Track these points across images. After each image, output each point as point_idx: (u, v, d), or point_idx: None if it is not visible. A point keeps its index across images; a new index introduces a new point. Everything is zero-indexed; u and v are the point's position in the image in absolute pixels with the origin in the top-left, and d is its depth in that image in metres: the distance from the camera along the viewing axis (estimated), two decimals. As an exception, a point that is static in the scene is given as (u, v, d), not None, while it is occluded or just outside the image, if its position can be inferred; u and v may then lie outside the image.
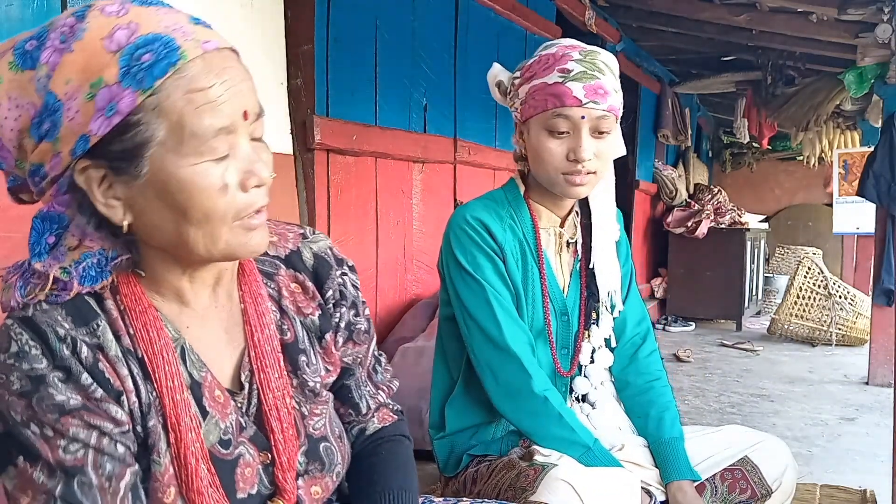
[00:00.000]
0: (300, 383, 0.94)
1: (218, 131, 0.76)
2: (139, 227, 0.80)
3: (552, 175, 1.40)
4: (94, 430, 0.77)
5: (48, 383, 0.75)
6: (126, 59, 0.73)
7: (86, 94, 0.73)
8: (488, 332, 1.39)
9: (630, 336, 1.56)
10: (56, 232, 0.79)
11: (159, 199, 0.77)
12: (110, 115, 0.73)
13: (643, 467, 1.42)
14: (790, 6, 4.35)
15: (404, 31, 3.11)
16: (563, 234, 1.49)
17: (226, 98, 0.77)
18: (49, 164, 0.76)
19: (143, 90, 0.73)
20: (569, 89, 1.34)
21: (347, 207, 2.79)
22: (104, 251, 0.80)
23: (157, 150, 0.76)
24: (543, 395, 1.36)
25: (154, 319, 0.82)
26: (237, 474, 0.86)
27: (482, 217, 1.42)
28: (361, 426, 1.06)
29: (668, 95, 6.65)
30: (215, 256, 0.82)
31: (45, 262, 0.78)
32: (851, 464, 3.16)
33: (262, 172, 0.80)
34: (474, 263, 1.40)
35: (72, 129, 0.74)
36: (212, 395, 0.86)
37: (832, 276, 5.85)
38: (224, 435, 0.86)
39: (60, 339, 0.77)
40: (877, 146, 4.35)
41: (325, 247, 1.00)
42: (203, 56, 0.76)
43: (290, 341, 0.94)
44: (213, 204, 0.78)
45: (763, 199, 10.04)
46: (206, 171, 0.77)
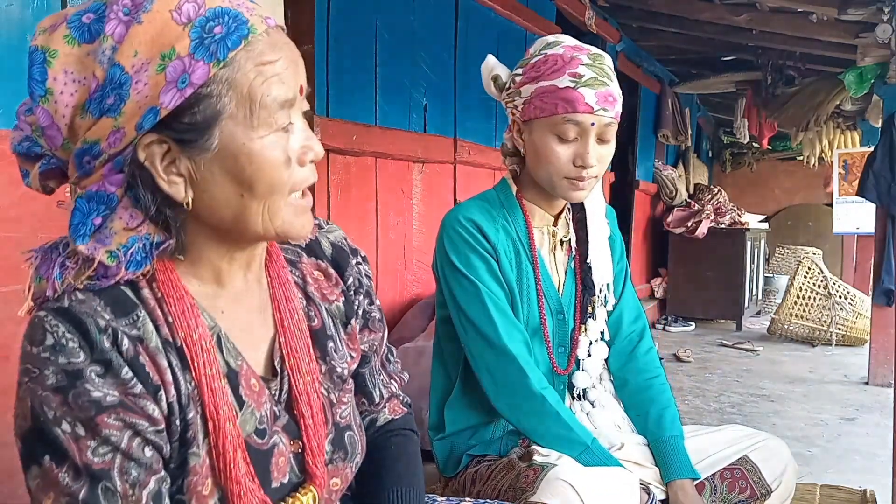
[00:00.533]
0: (329, 370, 0.93)
1: (283, 103, 0.77)
2: (199, 203, 0.78)
3: (555, 179, 1.40)
4: (128, 430, 0.75)
5: (85, 378, 0.72)
6: (198, 31, 0.73)
7: (156, 65, 0.72)
8: (484, 333, 1.39)
9: (627, 333, 1.56)
10: (103, 213, 0.76)
11: (226, 172, 0.77)
12: (183, 87, 0.72)
13: (642, 466, 1.42)
14: (790, 6, 4.35)
15: (404, 31, 3.11)
16: (556, 232, 1.50)
17: (289, 72, 0.78)
18: (107, 140, 0.73)
19: (216, 61, 0.73)
20: (581, 95, 1.33)
21: (347, 207, 2.79)
22: (149, 235, 0.77)
23: (227, 123, 0.75)
24: (541, 394, 1.36)
25: (192, 307, 0.81)
26: (272, 464, 0.85)
27: (475, 217, 1.41)
28: (373, 416, 1.06)
29: (668, 95, 6.65)
30: (270, 233, 0.81)
31: (89, 244, 0.75)
32: (851, 464, 3.16)
33: (316, 147, 0.81)
34: (468, 264, 1.40)
35: (139, 102, 0.72)
36: (248, 384, 0.85)
37: (832, 276, 5.86)
38: (260, 424, 0.85)
39: (101, 331, 0.74)
40: (877, 146, 4.35)
41: (341, 236, 1.01)
42: (267, 31, 0.77)
43: (317, 327, 0.93)
44: (279, 175, 0.78)
45: (763, 199, 10.04)
46: (275, 144, 0.77)
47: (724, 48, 5.71)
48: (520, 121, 1.43)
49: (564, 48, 1.37)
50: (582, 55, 1.35)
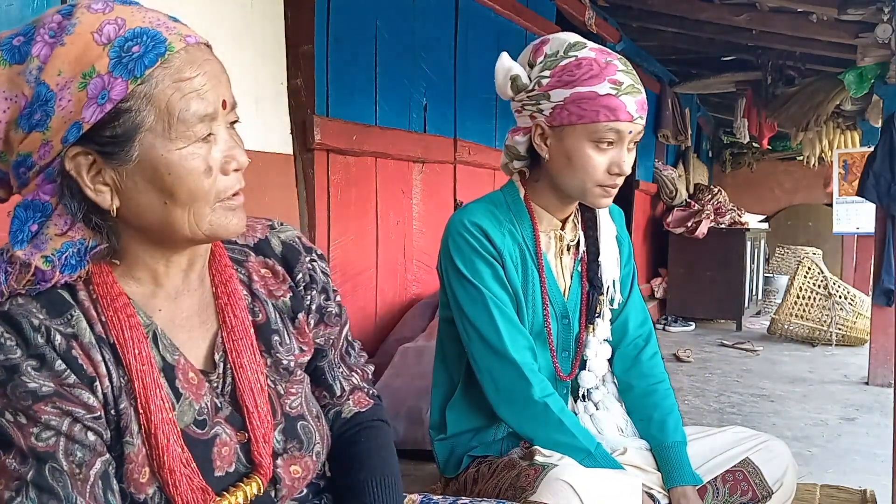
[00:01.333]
0: (274, 362, 0.97)
1: (202, 117, 0.82)
2: (126, 211, 0.83)
3: (588, 186, 1.38)
4: (67, 417, 0.80)
5: (22, 372, 0.78)
6: (116, 51, 0.78)
7: (78, 83, 0.77)
8: (488, 339, 1.38)
9: (633, 337, 1.56)
10: (39, 220, 0.81)
11: (148, 181, 0.82)
12: (103, 103, 0.78)
13: (645, 470, 1.41)
14: (790, 6, 4.35)
15: (404, 31, 3.11)
16: (563, 236, 1.48)
17: (209, 87, 0.82)
18: (38, 153, 0.79)
19: (133, 78, 0.78)
20: (623, 104, 1.32)
21: (347, 207, 2.79)
22: (84, 240, 0.83)
23: (146, 136, 0.80)
24: (544, 402, 1.36)
25: (125, 306, 0.85)
26: (214, 453, 0.89)
27: (481, 222, 1.40)
28: (337, 409, 1.09)
29: (668, 95, 6.65)
30: (198, 236, 0.86)
31: (27, 250, 0.80)
32: (851, 464, 3.16)
33: (240, 157, 0.86)
34: (473, 269, 1.39)
35: (64, 117, 0.78)
36: (185, 378, 0.89)
37: (832, 276, 5.86)
38: (199, 416, 0.89)
39: (35, 329, 0.79)
40: (877, 146, 4.35)
41: (294, 236, 1.04)
42: (186, 48, 0.81)
43: (262, 322, 0.97)
44: (199, 185, 0.83)
45: (763, 199, 10.04)
46: (193, 154, 0.82)
47: (724, 48, 5.71)
48: (545, 125, 1.38)
49: (594, 52, 1.35)
50: (614, 60, 1.34)
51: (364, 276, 2.94)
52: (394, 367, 2.65)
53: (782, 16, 4.58)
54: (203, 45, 0.84)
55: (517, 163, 1.47)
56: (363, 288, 2.94)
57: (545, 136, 1.39)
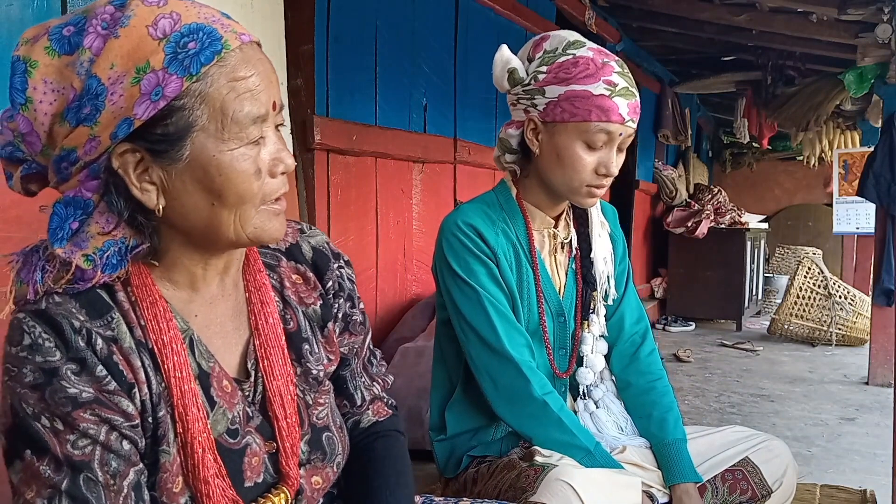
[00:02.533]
0: (304, 371, 0.95)
1: (255, 119, 0.80)
2: (171, 211, 0.81)
3: (576, 185, 1.39)
4: (104, 425, 0.77)
5: (61, 376, 0.75)
6: (172, 46, 0.76)
7: (131, 78, 0.75)
8: (485, 338, 1.38)
9: (629, 334, 1.56)
10: (80, 218, 0.79)
11: (197, 182, 0.80)
12: (156, 99, 0.75)
13: (644, 468, 1.41)
14: (790, 6, 4.35)
15: (404, 31, 3.11)
16: (557, 234, 1.49)
17: (262, 88, 0.80)
18: (83, 148, 0.77)
19: (189, 76, 0.76)
20: (616, 105, 1.32)
21: (347, 207, 2.79)
22: (125, 239, 0.80)
23: (198, 135, 0.78)
24: (543, 400, 1.36)
25: (164, 311, 0.83)
26: (245, 463, 0.88)
27: (474, 222, 1.40)
28: (356, 418, 1.08)
29: (668, 95, 6.64)
30: (242, 240, 0.84)
31: (66, 248, 0.78)
32: (851, 464, 3.16)
33: (287, 160, 0.84)
34: (468, 269, 1.39)
35: (114, 112, 0.75)
36: (219, 386, 0.87)
37: (832, 276, 5.85)
38: (232, 425, 0.87)
39: (76, 331, 0.77)
40: (877, 146, 4.35)
41: (323, 241, 1.03)
42: (241, 47, 0.80)
43: (293, 330, 0.96)
44: (249, 187, 0.81)
45: (763, 199, 10.04)
46: (244, 156, 0.80)
47: (724, 48, 5.71)
48: (538, 120, 1.39)
49: (592, 51, 1.35)
50: (611, 61, 1.35)
51: (364, 276, 2.94)
52: (394, 367, 2.66)
53: (782, 16, 4.57)
54: (255, 44, 0.82)
55: (509, 156, 1.47)
56: (363, 288, 2.94)
57: (537, 131, 1.40)
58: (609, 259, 1.52)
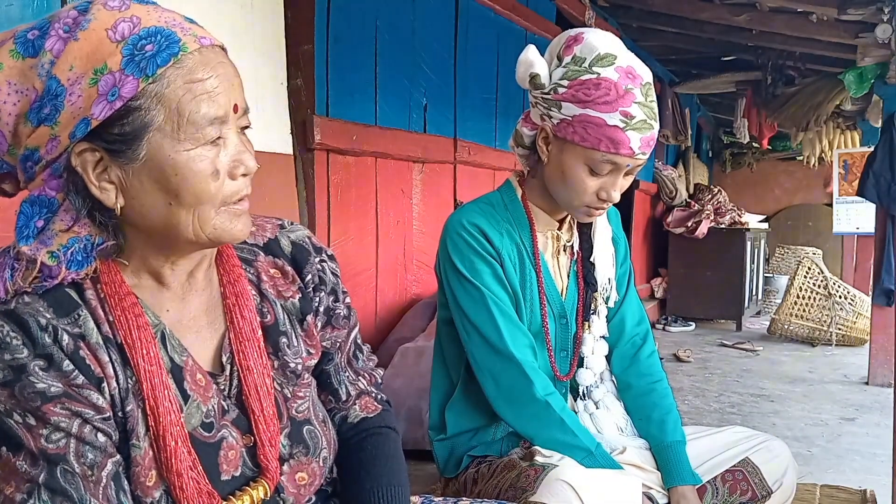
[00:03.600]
0: (281, 365, 0.96)
1: (213, 120, 0.81)
2: (130, 210, 0.82)
3: (575, 204, 1.39)
4: (76, 418, 0.79)
5: (29, 372, 0.77)
6: (129, 49, 0.77)
7: (89, 79, 0.77)
8: (488, 338, 1.38)
9: (630, 336, 1.56)
10: (45, 216, 0.81)
11: (154, 181, 0.81)
12: (112, 100, 0.77)
13: (644, 470, 1.41)
14: (790, 6, 4.35)
15: (404, 31, 3.11)
16: (560, 236, 1.49)
17: (220, 90, 0.81)
18: (45, 147, 0.79)
19: (145, 77, 0.78)
20: (627, 139, 1.28)
21: (347, 207, 2.79)
22: (90, 237, 0.82)
23: (155, 135, 0.79)
24: (545, 400, 1.36)
25: (133, 305, 0.85)
26: (220, 457, 0.88)
27: (479, 222, 1.40)
28: (343, 413, 1.08)
29: (668, 95, 6.65)
30: (202, 240, 0.85)
31: (32, 245, 0.80)
32: (851, 464, 3.16)
33: (248, 162, 0.85)
34: (472, 269, 1.39)
35: (73, 112, 0.77)
36: (193, 379, 0.88)
37: (832, 276, 5.86)
38: (206, 418, 0.88)
39: (42, 328, 0.79)
40: (877, 146, 4.35)
41: (304, 235, 1.03)
42: (200, 50, 0.81)
43: (270, 323, 0.96)
44: (205, 187, 0.82)
45: (763, 199, 10.04)
46: (200, 157, 0.81)
47: (724, 48, 5.71)
48: (551, 132, 1.37)
49: (619, 73, 1.28)
50: (636, 88, 1.28)
51: (364, 276, 2.94)
52: (394, 367, 2.65)
53: (782, 16, 4.58)
54: (217, 48, 0.83)
55: (520, 150, 1.48)
56: (363, 288, 2.94)
57: (548, 140, 1.39)
58: (611, 262, 1.52)
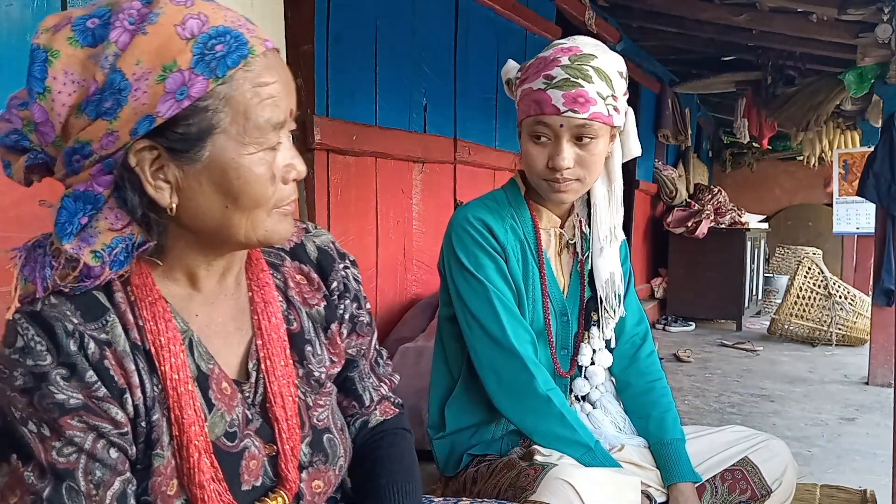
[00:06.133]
0: (305, 373, 0.94)
1: (275, 125, 0.81)
2: (183, 210, 0.81)
3: (535, 180, 1.42)
4: (92, 432, 0.77)
5: (51, 381, 0.75)
6: (200, 47, 0.76)
7: (157, 75, 0.74)
8: (491, 332, 1.38)
9: (629, 336, 1.56)
10: (89, 213, 0.78)
11: (213, 183, 0.80)
12: (181, 99, 0.75)
13: (643, 468, 1.42)
14: (790, 6, 4.35)
15: (404, 31, 3.11)
16: (563, 234, 1.49)
17: (283, 95, 0.81)
18: (100, 142, 0.76)
19: (215, 78, 0.76)
20: (549, 97, 1.33)
21: (347, 207, 2.79)
22: (132, 236, 0.80)
23: (220, 137, 0.78)
24: (546, 395, 1.36)
25: (163, 311, 0.82)
26: (242, 467, 0.87)
27: (484, 217, 1.41)
28: (364, 419, 1.07)
29: (668, 95, 6.65)
30: (251, 242, 0.84)
31: (73, 244, 0.77)
32: (851, 464, 3.16)
33: (300, 166, 0.85)
34: (476, 263, 1.40)
35: (136, 109, 0.75)
36: (218, 388, 0.86)
37: (832, 276, 5.85)
38: (230, 428, 0.86)
39: (68, 334, 0.76)
40: (877, 146, 4.35)
41: (329, 241, 1.02)
42: (265, 53, 0.80)
43: (296, 331, 0.95)
44: (264, 191, 0.81)
45: (763, 199, 10.03)
46: (262, 161, 0.81)
47: (724, 48, 5.71)
48: (518, 122, 1.44)
49: (554, 50, 1.36)
50: (565, 56, 1.33)
51: (364, 276, 2.93)
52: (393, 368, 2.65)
53: (782, 16, 4.57)
54: (276, 51, 0.83)
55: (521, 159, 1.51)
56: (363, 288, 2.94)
57: (519, 132, 1.45)
58: (616, 277, 1.50)
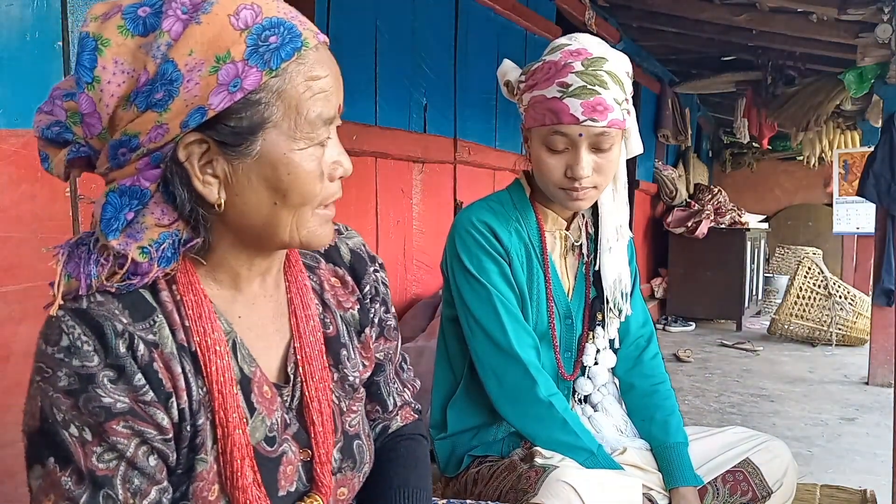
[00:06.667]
0: (341, 378, 0.93)
1: (326, 120, 0.79)
2: (230, 207, 0.78)
3: (551, 189, 1.39)
4: (135, 438, 0.74)
5: (97, 383, 0.72)
6: (254, 39, 0.73)
7: (210, 66, 0.72)
8: (493, 337, 1.38)
9: (634, 338, 1.56)
10: (136, 208, 0.75)
11: (263, 179, 0.77)
12: (234, 91, 0.73)
13: (645, 471, 1.41)
14: (790, 6, 4.35)
15: (404, 31, 3.11)
16: (568, 237, 1.48)
17: (334, 90, 0.79)
18: (148, 134, 0.73)
19: (269, 70, 0.74)
20: (566, 106, 1.30)
21: (347, 207, 2.79)
22: (178, 232, 0.77)
23: (271, 132, 0.76)
24: (548, 401, 1.36)
25: (209, 312, 0.80)
26: (280, 472, 0.85)
27: (488, 220, 1.40)
28: (385, 423, 1.07)
29: (668, 95, 6.65)
30: (294, 242, 0.82)
31: (120, 240, 0.74)
32: (851, 464, 3.16)
33: (346, 164, 0.83)
34: (480, 267, 1.39)
35: (187, 101, 0.72)
36: (260, 391, 0.85)
37: (832, 276, 5.85)
38: (270, 432, 0.85)
39: (118, 335, 0.73)
40: (877, 146, 4.35)
41: (360, 243, 1.01)
42: (318, 46, 0.78)
43: (332, 335, 0.94)
44: (312, 188, 0.79)
45: (763, 199, 10.04)
46: (312, 157, 0.79)
47: (724, 48, 5.71)
48: (524, 128, 1.42)
49: (562, 54, 1.32)
50: (577, 61, 1.30)
51: (364, 276, 2.94)
52: (394, 368, 2.65)
53: (782, 16, 4.57)
54: (326, 45, 0.80)
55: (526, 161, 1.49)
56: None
57: (526, 138, 1.42)
58: (624, 276, 1.50)
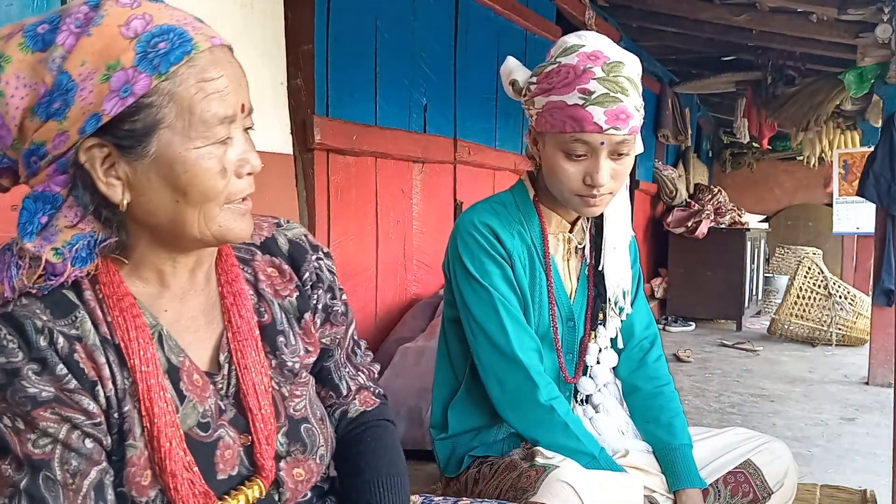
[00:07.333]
0: (279, 364, 0.97)
1: (222, 119, 0.82)
2: (136, 206, 0.83)
3: (566, 195, 1.37)
4: (65, 423, 0.79)
5: (22, 376, 0.77)
6: (143, 45, 0.78)
7: (101, 75, 0.77)
8: (495, 340, 1.37)
9: (638, 340, 1.55)
10: (49, 212, 0.80)
11: (162, 178, 0.81)
12: (125, 96, 0.77)
13: (648, 473, 1.41)
14: (790, 6, 4.35)
15: (404, 31, 3.11)
16: (571, 239, 1.47)
17: (230, 90, 0.83)
18: (52, 142, 0.78)
19: (158, 74, 0.78)
20: (589, 115, 1.26)
21: (347, 207, 2.79)
22: (94, 233, 0.82)
23: (165, 133, 0.80)
24: (549, 405, 1.35)
25: (131, 306, 0.85)
26: (217, 456, 0.89)
27: (490, 222, 1.39)
28: (343, 408, 1.09)
29: (668, 95, 6.64)
30: (207, 238, 0.86)
31: (36, 242, 0.79)
32: (851, 464, 3.16)
33: (254, 161, 0.86)
34: (482, 270, 1.38)
35: (83, 108, 0.77)
36: (190, 380, 0.89)
37: (832, 276, 5.85)
38: (203, 418, 0.89)
39: (38, 331, 0.79)
40: (877, 146, 4.35)
41: (301, 233, 1.04)
42: (211, 49, 0.82)
43: (267, 322, 0.97)
44: (213, 185, 0.83)
45: (763, 199, 10.04)
46: (210, 155, 0.82)
47: (724, 48, 5.71)
48: (534, 130, 1.39)
49: (579, 57, 1.28)
50: (596, 66, 1.27)
51: (364, 276, 2.94)
52: (394, 367, 2.65)
53: (782, 16, 4.58)
54: (226, 48, 0.84)
55: (532, 163, 1.48)
56: (363, 288, 2.94)
57: (535, 140, 1.40)
58: (626, 274, 1.50)
